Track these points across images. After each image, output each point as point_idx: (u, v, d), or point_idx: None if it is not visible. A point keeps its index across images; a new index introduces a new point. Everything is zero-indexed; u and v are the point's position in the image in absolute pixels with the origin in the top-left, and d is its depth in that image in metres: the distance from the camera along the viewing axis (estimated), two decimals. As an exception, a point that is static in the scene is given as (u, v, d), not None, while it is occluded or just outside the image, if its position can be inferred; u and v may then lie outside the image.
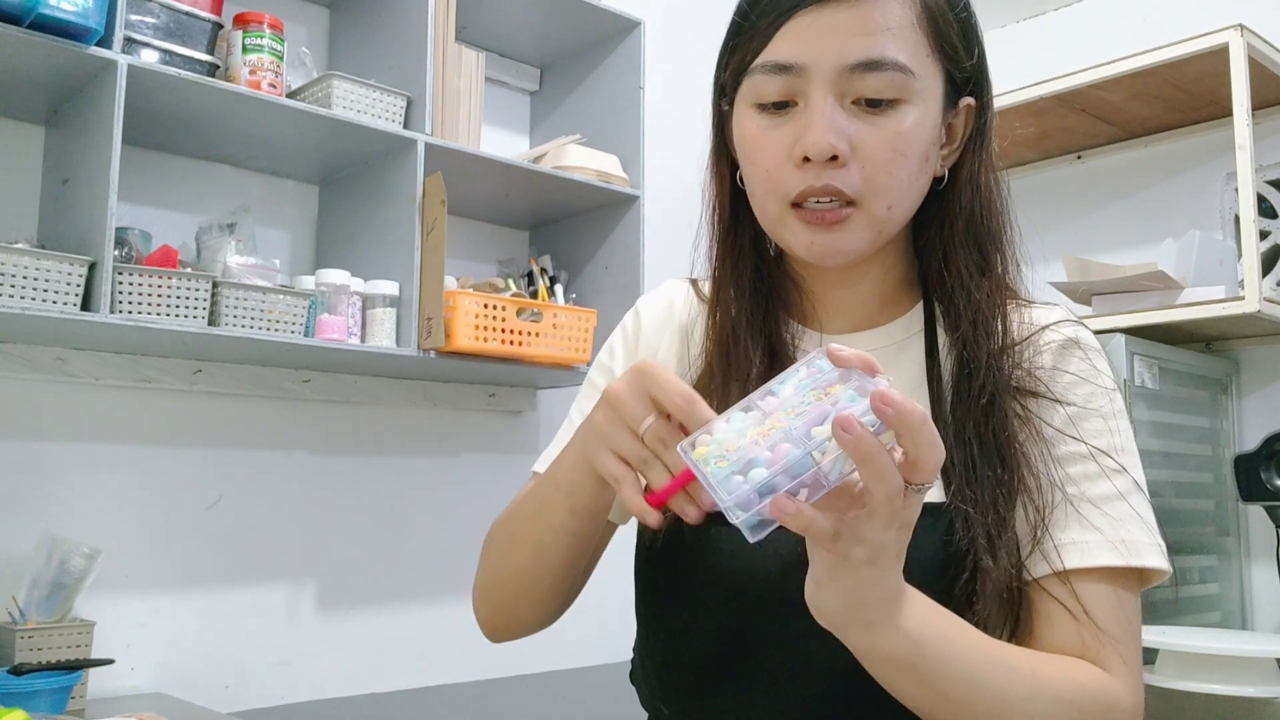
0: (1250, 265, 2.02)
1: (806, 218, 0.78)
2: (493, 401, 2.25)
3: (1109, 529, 0.76)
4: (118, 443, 1.78)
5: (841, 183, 0.76)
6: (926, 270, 0.87)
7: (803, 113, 0.77)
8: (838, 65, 0.75)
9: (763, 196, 0.81)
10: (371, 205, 1.92)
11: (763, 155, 0.80)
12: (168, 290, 1.56)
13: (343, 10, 2.07)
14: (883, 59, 0.75)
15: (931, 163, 0.81)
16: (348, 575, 2.03)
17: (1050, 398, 0.80)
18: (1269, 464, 2.14)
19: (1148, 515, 0.78)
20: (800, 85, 0.77)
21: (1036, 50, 2.79)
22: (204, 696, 1.79)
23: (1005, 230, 0.85)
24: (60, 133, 1.70)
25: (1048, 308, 0.86)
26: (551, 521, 0.80)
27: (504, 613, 0.89)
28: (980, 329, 0.81)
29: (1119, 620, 0.75)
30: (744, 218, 0.88)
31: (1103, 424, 0.80)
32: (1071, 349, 0.83)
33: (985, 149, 0.84)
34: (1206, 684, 1.74)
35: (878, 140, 0.76)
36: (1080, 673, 0.72)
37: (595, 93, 2.26)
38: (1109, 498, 0.77)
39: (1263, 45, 2.10)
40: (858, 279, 0.86)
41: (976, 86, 0.83)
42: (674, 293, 0.97)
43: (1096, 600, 0.75)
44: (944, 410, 0.80)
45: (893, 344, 0.85)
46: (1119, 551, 0.75)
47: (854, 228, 0.78)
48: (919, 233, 0.87)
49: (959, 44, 0.80)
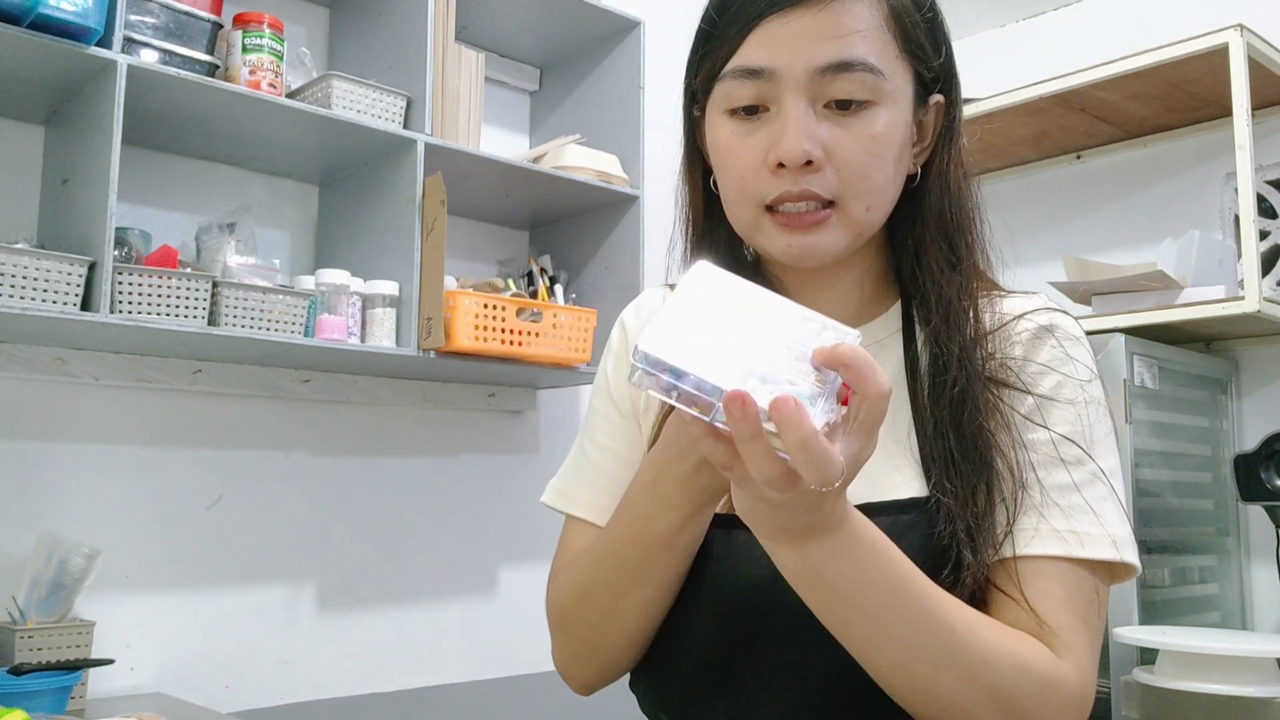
0: (1250, 265, 2.02)
1: (782, 221, 0.78)
2: (493, 401, 2.25)
3: (1058, 519, 0.76)
4: (118, 443, 1.78)
5: (818, 186, 0.77)
6: (901, 268, 0.87)
7: (775, 118, 0.77)
8: (808, 68, 0.75)
9: (737, 203, 0.81)
10: (371, 205, 1.92)
11: (736, 162, 0.79)
12: (168, 290, 1.56)
13: (343, 10, 2.07)
14: (852, 60, 0.75)
15: (905, 162, 0.81)
16: (348, 575, 2.03)
17: (1019, 388, 0.80)
18: (1269, 464, 2.14)
19: (1106, 506, 0.77)
20: (771, 90, 0.77)
21: (1036, 50, 2.79)
22: (204, 696, 1.79)
23: (975, 224, 0.85)
24: (60, 133, 1.70)
25: (1025, 296, 0.86)
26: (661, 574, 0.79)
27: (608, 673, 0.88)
28: (951, 322, 0.81)
29: (1068, 610, 0.74)
30: (718, 222, 0.87)
31: (1071, 412, 0.79)
32: (1044, 337, 0.82)
33: (954, 145, 0.84)
34: (1206, 684, 1.74)
35: (852, 143, 0.76)
36: (1025, 647, 0.72)
37: (595, 93, 2.26)
38: (1064, 487, 0.77)
39: (1263, 45, 2.10)
40: (836, 280, 0.86)
41: (945, 84, 0.83)
42: (653, 301, 0.97)
43: (1045, 588, 0.75)
44: (921, 404, 0.81)
45: (874, 343, 0.85)
46: (1065, 542, 0.75)
47: (832, 228, 0.78)
48: (893, 231, 0.87)
49: (926, 43, 0.81)
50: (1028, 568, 0.75)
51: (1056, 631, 0.73)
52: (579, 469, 0.93)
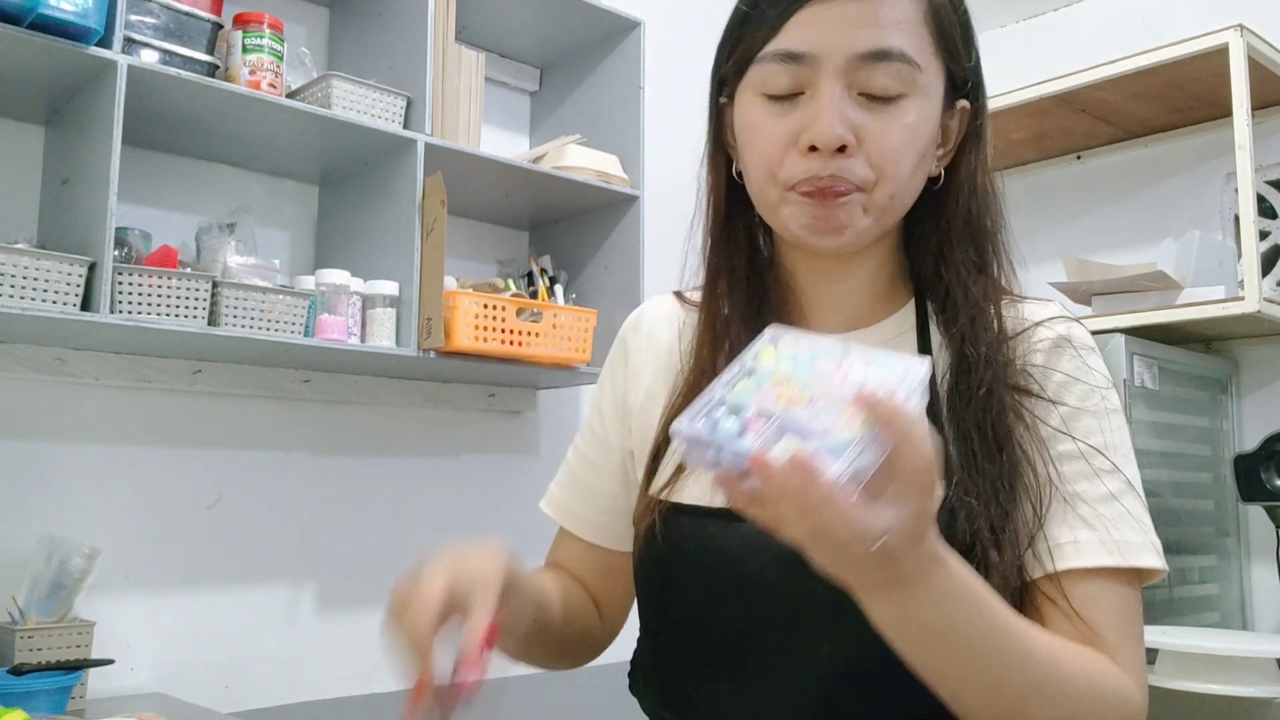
0: (1250, 265, 2.02)
1: (807, 192, 0.78)
2: (492, 401, 2.25)
3: (1103, 529, 0.76)
4: (118, 443, 1.78)
5: (848, 172, 0.77)
6: (919, 267, 0.87)
7: (810, 102, 0.77)
8: (847, 54, 0.76)
9: (762, 182, 0.81)
10: (371, 205, 1.92)
11: (765, 140, 0.79)
12: (168, 290, 1.56)
13: (343, 10, 2.07)
14: (891, 50, 0.76)
15: (929, 160, 0.82)
16: (348, 575, 2.03)
17: (1043, 397, 0.80)
18: (1269, 464, 2.14)
19: (1141, 514, 0.78)
20: (809, 75, 0.77)
21: (1036, 50, 2.79)
22: (204, 696, 1.79)
23: (1001, 231, 0.86)
24: (60, 133, 1.70)
25: (1041, 303, 0.87)
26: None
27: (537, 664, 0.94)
28: (979, 323, 0.81)
29: (1119, 620, 0.75)
30: (739, 212, 0.88)
31: (1095, 423, 0.80)
32: (1064, 347, 0.82)
33: (982, 151, 0.85)
34: (1206, 684, 1.74)
35: (884, 130, 0.77)
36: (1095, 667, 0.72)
37: (595, 93, 2.26)
38: (1103, 498, 0.77)
39: (1263, 45, 2.10)
40: (850, 273, 0.86)
41: (973, 89, 0.84)
42: (654, 311, 0.97)
43: (1095, 601, 0.75)
44: (939, 407, 0.80)
45: (885, 342, 0.85)
46: (1113, 552, 0.75)
47: (855, 207, 0.78)
48: (911, 230, 0.87)
49: (960, 44, 0.82)
50: (1078, 581, 0.75)
51: (1116, 646, 0.74)
52: (574, 482, 0.98)
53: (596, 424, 0.98)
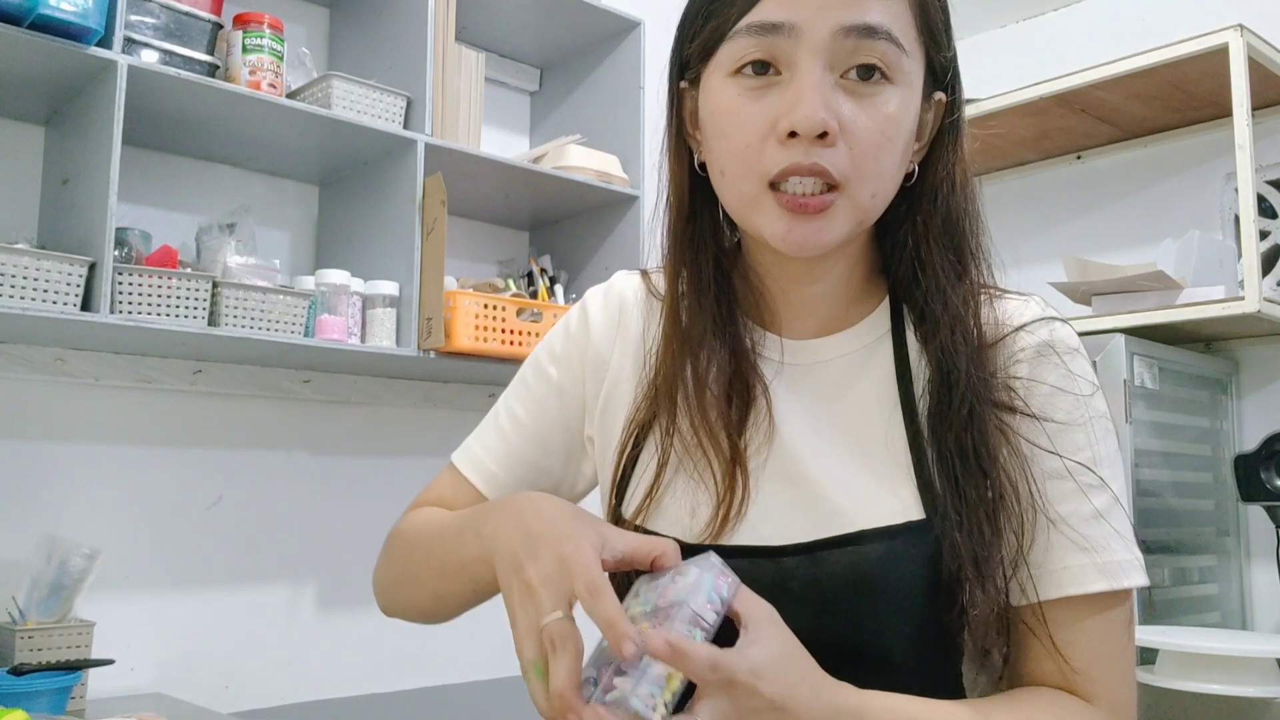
0: (1250, 265, 2.02)
1: (787, 203, 0.72)
2: (492, 402, 2.24)
3: (1094, 552, 0.74)
4: (118, 443, 1.78)
5: (829, 163, 0.71)
6: (893, 267, 0.82)
7: (789, 84, 0.71)
8: (831, 28, 0.70)
9: (737, 176, 0.74)
10: (371, 205, 1.92)
11: (742, 130, 0.73)
12: (168, 290, 1.56)
13: (343, 10, 2.07)
14: (877, 26, 0.71)
15: (908, 154, 0.77)
16: (348, 575, 2.03)
17: (1027, 413, 0.76)
18: (1269, 464, 2.14)
19: (1127, 530, 0.76)
20: (788, 50, 0.71)
21: (1036, 50, 2.79)
22: (204, 696, 1.79)
23: (981, 233, 0.81)
24: (60, 133, 1.70)
25: (1022, 300, 0.82)
26: (453, 587, 0.81)
27: (402, 612, 0.93)
28: (959, 335, 0.77)
29: (1105, 648, 0.73)
30: (702, 206, 0.82)
31: (1084, 437, 0.77)
32: (1047, 355, 0.78)
33: (960, 146, 0.80)
34: (1206, 684, 1.74)
35: (867, 121, 0.71)
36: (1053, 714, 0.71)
37: (595, 93, 2.26)
38: (1090, 517, 0.75)
39: (1263, 45, 2.10)
40: (822, 275, 0.81)
41: (951, 80, 0.80)
42: (625, 291, 0.91)
43: (1080, 627, 0.73)
44: (918, 420, 0.77)
45: (861, 349, 0.82)
46: (1106, 575, 0.73)
47: (836, 216, 0.73)
48: (884, 229, 0.82)
49: (941, 32, 0.77)
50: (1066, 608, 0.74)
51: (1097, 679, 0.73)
52: (486, 432, 0.95)
53: (538, 387, 0.92)
